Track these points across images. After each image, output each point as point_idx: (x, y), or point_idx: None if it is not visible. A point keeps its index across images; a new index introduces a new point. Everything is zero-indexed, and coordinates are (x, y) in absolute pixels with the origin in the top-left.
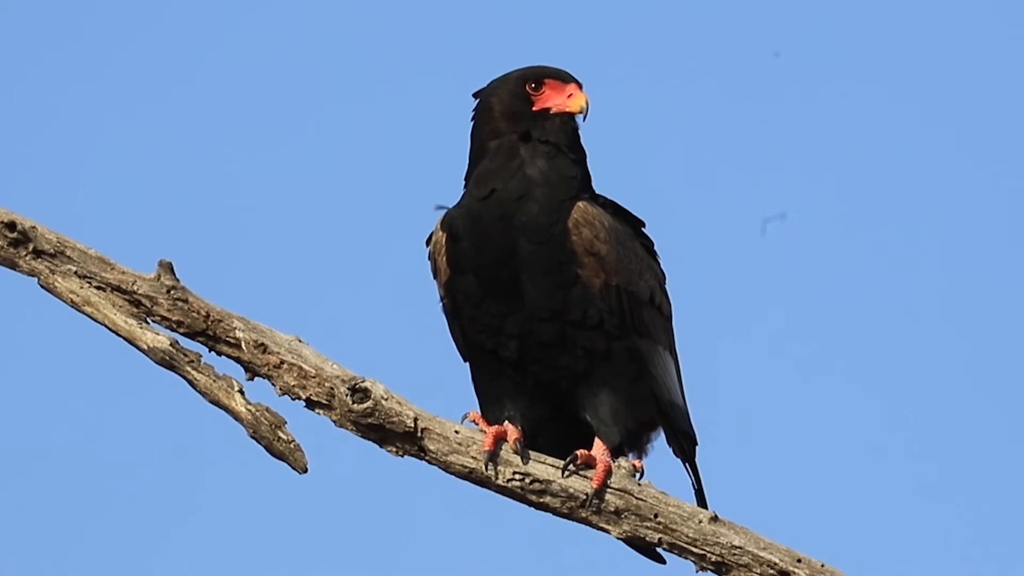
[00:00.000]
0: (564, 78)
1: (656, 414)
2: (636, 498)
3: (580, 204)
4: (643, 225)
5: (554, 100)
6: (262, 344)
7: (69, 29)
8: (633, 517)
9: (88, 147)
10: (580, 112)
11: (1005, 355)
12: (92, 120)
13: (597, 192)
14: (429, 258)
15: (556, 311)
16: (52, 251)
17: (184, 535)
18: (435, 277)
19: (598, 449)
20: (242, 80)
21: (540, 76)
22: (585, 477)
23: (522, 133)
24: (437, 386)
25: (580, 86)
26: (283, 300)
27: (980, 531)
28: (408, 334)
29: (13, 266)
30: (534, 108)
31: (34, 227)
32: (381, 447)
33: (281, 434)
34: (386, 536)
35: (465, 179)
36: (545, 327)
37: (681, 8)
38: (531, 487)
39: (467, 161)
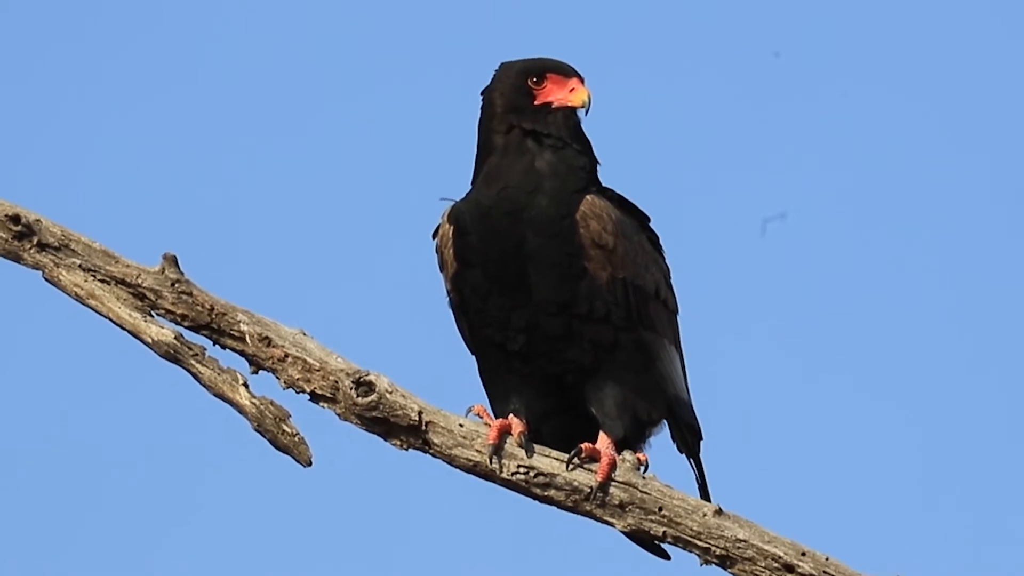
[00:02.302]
0: (566, 72)
1: (662, 407)
2: (640, 491)
3: (588, 197)
4: (649, 220)
5: (556, 95)
6: (266, 337)
7: (72, 24)
8: (637, 510)
9: (93, 141)
10: (582, 107)
11: (1006, 352)
12: (97, 114)
13: (606, 178)
14: (436, 251)
15: (563, 304)
16: (56, 244)
17: (189, 528)
18: (441, 270)
19: (602, 442)
20: (246, 74)
21: (542, 70)
22: (589, 470)
23: (526, 128)
24: (442, 379)
25: (582, 80)
26: (288, 293)
27: (983, 525)
28: (413, 327)
29: (18, 259)
30: (536, 103)
31: (38, 220)
32: (385, 440)
33: (285, 427)
34: (390, 529)
35: (474, 174)
36: (552, 320)
37: (681, 8)
38: (535, 480)
39: (473, 154)
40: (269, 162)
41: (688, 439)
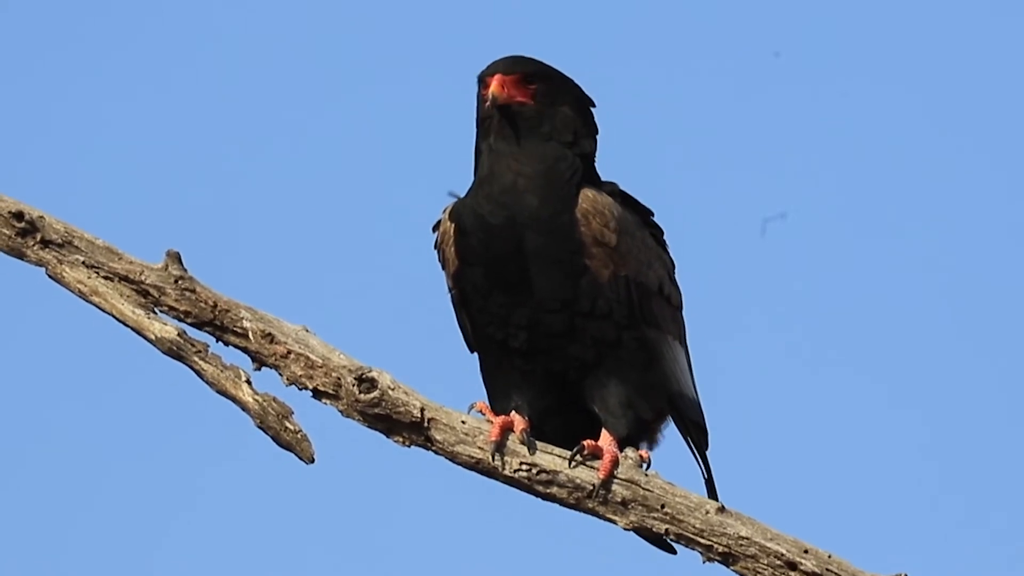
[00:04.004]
0: (491, 70)
1: (665, 404)
2: (643, 488)
3: (589, 194)
4: (651, 215)
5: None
6: (269, 334)
7: (75, 20)
8: (640, 507)
9: (95, 137)
10: (487, 104)
11: (1007, 351)
12: (99, 111)
13: (604, 178)
14: (436, 247)
15: (565, 301)
16: (60, 241)
17: (191, 525)
18: (443, 268)
19: (605, 440)
20: (249, 72)
21: (482, 76)
22: (592, 468)
23: (488, 133)
24: (444, 376)
25: (498, 74)
26: (290, 290)
27: (986, 522)
28: (415, 324)
29: (21, 256)
30: (484, 106)
31: (41, 217)
32: (388, 437)
33: (288, 424)
34: (392, 526)
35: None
36: (554, 318)
37: (681, 8)
38: (538, 477)
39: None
40: (272, 159)
41: (694, 436)
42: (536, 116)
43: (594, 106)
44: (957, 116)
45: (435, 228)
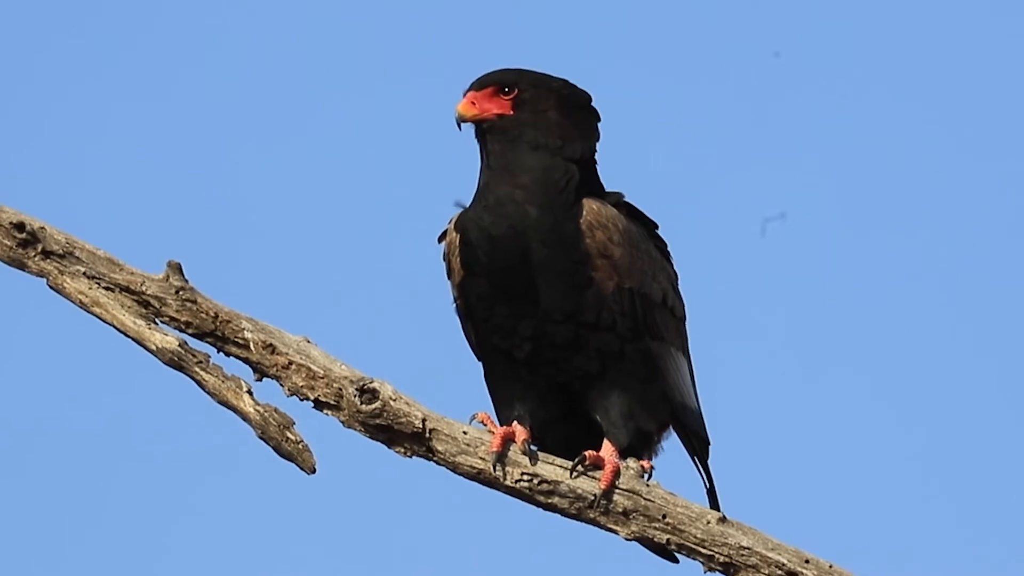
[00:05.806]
0: (473, 85)
1: (668, 415)
2: (644, 499)
3: (594, 206)
4: (656, 227)
5: None
6: (271, 345)
7: (75, 29)
8: (641, 518)
9: (96, 147)
10: (457, 121)
11: (1008, 354)
12: (100, 120)
13: (609, 187)
14: (444, 259)
15: (570, 313)
16: (61, 252)
17: (192, 535)
18: (449, 278)
19: (606, 450)
20: (250, 80)
21: (469, 90)
22: (593, 478)
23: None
24: (446, 387)
25: (472, 90)
26: (292, 301)
27: (987, 531)
28: (417, 335)
29: (22, 267)
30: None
31: (43, 228)
32: (389, 448)
33: (289, 435)
34: (394, 537)
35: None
36: (559, 329)
37: (681, 8)
38: (539, 488)
39: (476, 162)
40: (273, 169)
41: (696, 446)
42: (515, 126)
43: (590, 99)
44: (957, 116)
45: (441, 238)
